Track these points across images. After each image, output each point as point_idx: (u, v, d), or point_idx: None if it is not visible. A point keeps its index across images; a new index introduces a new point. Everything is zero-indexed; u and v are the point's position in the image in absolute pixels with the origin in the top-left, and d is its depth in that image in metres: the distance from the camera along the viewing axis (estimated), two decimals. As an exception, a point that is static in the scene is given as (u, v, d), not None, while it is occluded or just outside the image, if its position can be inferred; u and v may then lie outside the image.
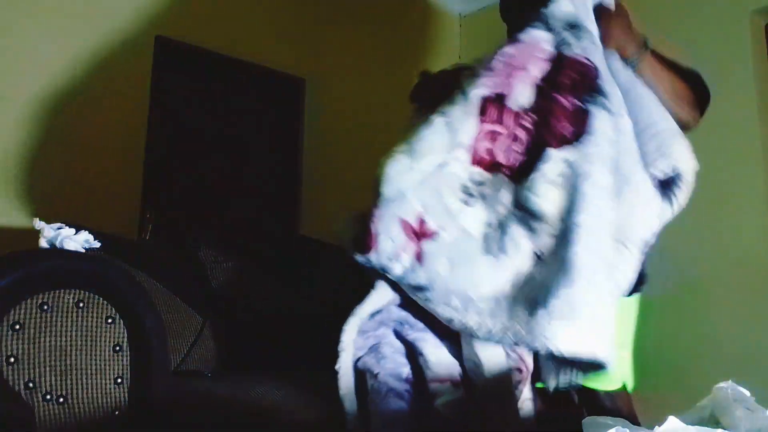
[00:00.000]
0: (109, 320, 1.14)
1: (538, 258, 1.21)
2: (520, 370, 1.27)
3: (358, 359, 1.30)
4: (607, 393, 1.48)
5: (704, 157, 2.96)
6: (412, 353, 1.29)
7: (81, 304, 1.12)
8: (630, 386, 1.57)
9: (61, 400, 1.07)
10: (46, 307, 1.08)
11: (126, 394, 1.14)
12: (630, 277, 1.28)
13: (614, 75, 1.39)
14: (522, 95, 1.32)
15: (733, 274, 2.71)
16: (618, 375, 1.46)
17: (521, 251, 1.21)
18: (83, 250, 1.20)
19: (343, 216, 1.54)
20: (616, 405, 1.48)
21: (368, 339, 1.32)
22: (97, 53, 2.61)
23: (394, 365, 1.26)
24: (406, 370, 1.27)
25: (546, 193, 1.21)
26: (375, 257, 1.26)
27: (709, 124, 2.85)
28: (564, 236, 1.18)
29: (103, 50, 2.63)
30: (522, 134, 1.30)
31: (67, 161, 2.48)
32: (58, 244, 1.23)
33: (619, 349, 1.25)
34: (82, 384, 1.09)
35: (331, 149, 3.31)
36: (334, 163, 3.30)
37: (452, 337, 1.29)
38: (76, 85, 2.55)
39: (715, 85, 2.88)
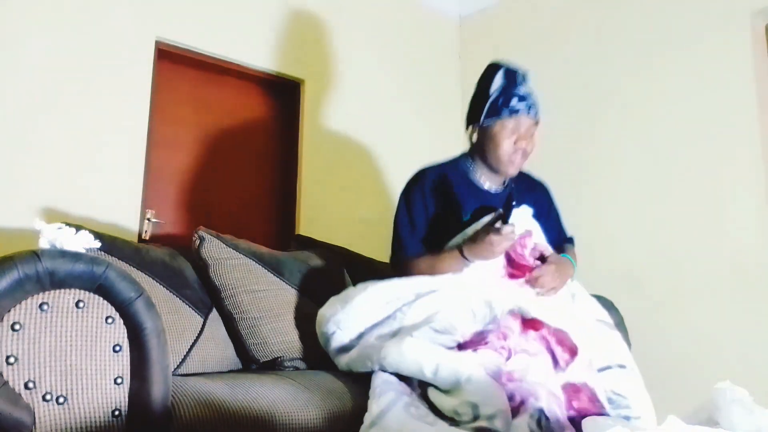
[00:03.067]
0: (109, 320, 1.14)
1: None
2: None
3: None
4: None
5: (704, 157, 2.99)
6: None
7: (81, 304, 1.12)
8: None
9: (61, 400, 1.07)
10: (45, 308, 1.08)
11: (126, 394, 1.14)
12: None
13: None
14: None
15: (733, 274, 2.71)
16: None
17: None
18: (83, 250, 1.20)
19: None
20: None
21: None
22: (98, 56, 2.62)
23: None
24: None
25: None
26: None
27: (709, 124, 2.86)
28: None
29: (103, 53, 2.63)
30: None
31: (68, 162, 2.49)
32: (58, 244, 1.23)
33: None
34: (81, 384, 1.09)
35: (329, 150, 3.31)
36: (332, 163, 3.30)
37: None
38: (77, 87, 2.55)
39: (715, 85, 2.90)
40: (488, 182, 1.89)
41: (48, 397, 1.06)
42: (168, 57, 2.87)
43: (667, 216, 2.95)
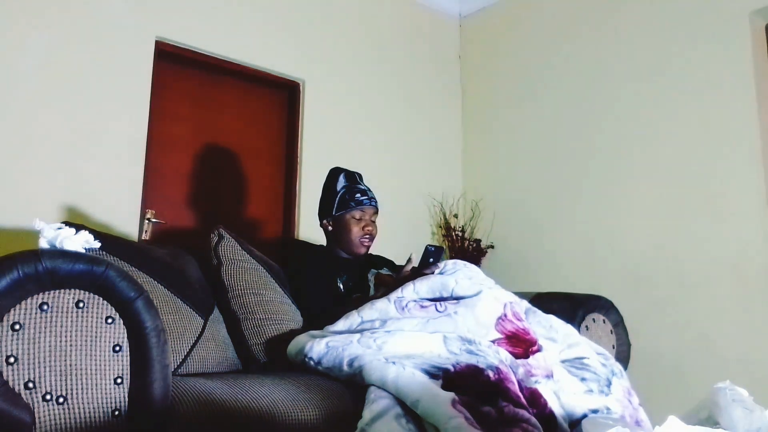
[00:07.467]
0: (109, 320, 1.14)
1: None
2: None
3: None
4: None
5: (704, 157, 2.99)
6: None
7: (81, 304, 1.11)
8: None
9: (61, 400, 1.07)
10: (45, 307, 1.08)
11: (126, 394, 1.14)
12: None
13: None
14: None
15: (732, 275, 2.71)
16: None
17: None
18: (83, 250, 1.20)
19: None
20: None
21: None
22: (98, 56, 2.62)
23: None
24: None
25: None
26: None
27: (708, 124, 2.86)
28: None
29: (103, 53, 2.63)
30: None
31: (68, 161, 2.49)
32: (58, 244, 1.23)
33: None
34: (81, 384, 1.09)
35: (329, 150, 3.31)
36: (331, 164, 3.30)
37: None
38: (77, 86, 2.55)
39: (715, 85, 2.90)
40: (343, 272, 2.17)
41: (48, 396, 1.06)
42: (168, 56, 2.87)
43: (667, 215, 2.95)
